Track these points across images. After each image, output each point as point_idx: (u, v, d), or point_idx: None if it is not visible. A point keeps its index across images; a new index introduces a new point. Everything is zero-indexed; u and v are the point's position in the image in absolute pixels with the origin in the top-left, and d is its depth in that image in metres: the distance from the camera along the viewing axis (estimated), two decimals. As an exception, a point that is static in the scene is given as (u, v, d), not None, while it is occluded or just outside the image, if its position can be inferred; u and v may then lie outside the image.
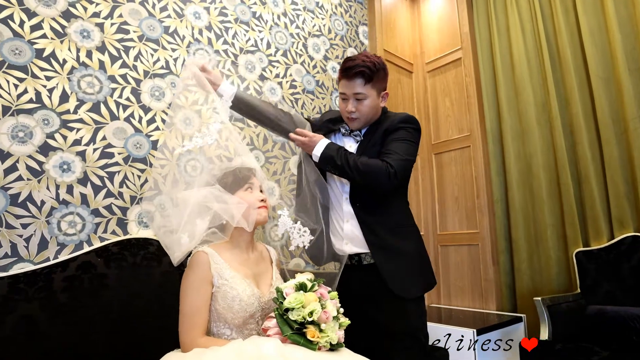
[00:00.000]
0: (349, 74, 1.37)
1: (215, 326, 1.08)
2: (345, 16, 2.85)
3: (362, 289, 1.41)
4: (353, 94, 1.39)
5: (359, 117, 1.42)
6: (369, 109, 1.41)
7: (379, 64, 1.41)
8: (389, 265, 1.34)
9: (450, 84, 3.09)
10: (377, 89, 1.42)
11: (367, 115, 1.43)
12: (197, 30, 2.03)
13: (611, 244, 2.24)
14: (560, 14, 2.58)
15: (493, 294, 2.69)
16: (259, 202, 1.17)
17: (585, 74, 2.48)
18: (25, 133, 1.47)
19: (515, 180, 2.69)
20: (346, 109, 1.42)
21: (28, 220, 1.44)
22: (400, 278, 1.34)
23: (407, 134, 1.40)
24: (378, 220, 1.40)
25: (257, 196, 1.19)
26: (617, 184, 2.27)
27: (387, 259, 1.35)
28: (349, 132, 1.49)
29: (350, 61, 1.39)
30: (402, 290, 1.33)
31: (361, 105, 1.40)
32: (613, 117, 2.33)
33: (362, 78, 1.37)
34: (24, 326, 1.30)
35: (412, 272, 1.37)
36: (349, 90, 1.40)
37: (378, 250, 1.37)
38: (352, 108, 1.40)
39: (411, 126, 1.43)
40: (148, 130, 1.78)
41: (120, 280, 1.52)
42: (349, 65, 1.38)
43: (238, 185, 1.17)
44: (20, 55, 1.50)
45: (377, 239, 1.38)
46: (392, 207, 1.43)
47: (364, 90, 1.38)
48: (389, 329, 1.34)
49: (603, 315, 2.00)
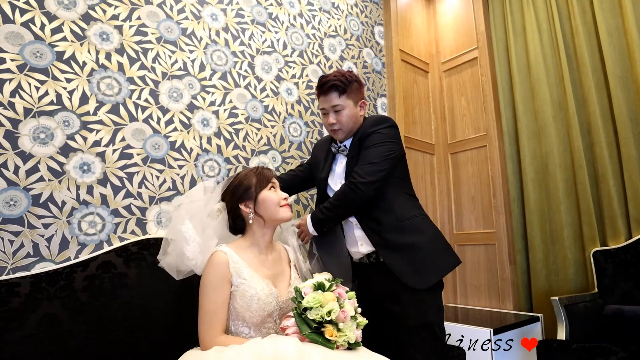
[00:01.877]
0: (324, 89, 1.51)
1: (234, 325, 1.09)
2: (361, 16, 2.85)
3: (381, 285, 1.47)
4: (331, 106, 1.52)
5: (341, 128, 1.54)
6: (347, 119, 1.52)
7: (351, 77, 1.54)
8: (397, 262, 1.40)
9: (466, 83, 3.07)
10: (353, 100, 1.54)
11: (347, 125, 1.53)
12: (214, 31, 2.04)
13: (629, 244, 2.21)
14: (578, 14, 2.55)
15: (510, 294, 2.66)
16: (282, 201, 1.20)
17: (602, 73, 2.45)
18: (47, 134, 1.50)
19: (532, 180, 2.66)
20: (328, 122, 1.55)
21: (49, 221, 1.47)
22: (411, 271, 1.38)
23: (378, 137, 1.47)
24: (378, 220, 1.47)
25: (280, 194, 1.21)
26: (635, 184, 2.24)
27: (394, 256, 1.41)
28: (338, 150, 1.61)
29: (324, 78, 1.54)
30: (415, 282, 1.37)
31: (340, 116, 1.52)
32: (631, 117, 2.30)
33: (336, 91, 1.50)
34: (46, 324, 1.32)
35: (422, 263, 1.41)
36: (327, 104, 1.53)
37: (384, 249, 1.44)
38: (333, 120, 1.52)
39: (382, 127, 1.50)
40: (166, 131, 1.80)
41: (139, 279, 1.54)
42: (323, 81, 1.53)
43: (261, 185, 1.19)
44: (42, 58, 1.53)
45: (380, 239, 1.45)
46: (391, 204, 1.49)
47: (340, 101, 1.51)
48: (405, 322, 1.38)
49: (621, 316, 1.97)
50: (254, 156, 2.06)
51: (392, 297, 1.42)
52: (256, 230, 1.20)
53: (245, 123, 2.07)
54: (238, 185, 1.18)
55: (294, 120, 2.28)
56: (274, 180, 1.23)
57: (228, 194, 1.21)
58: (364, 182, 1.40)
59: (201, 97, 1.93)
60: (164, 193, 1.75)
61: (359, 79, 1.59)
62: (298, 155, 2.26)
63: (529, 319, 2.35)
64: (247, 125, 2.08)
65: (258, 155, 2.07)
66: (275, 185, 1.23)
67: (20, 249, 1.39)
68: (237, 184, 1.19)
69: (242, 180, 1.19)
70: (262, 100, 2.16)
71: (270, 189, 1.19)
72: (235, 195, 1.18)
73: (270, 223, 1.20)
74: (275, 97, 2.23)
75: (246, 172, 1.23)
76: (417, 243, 1.43)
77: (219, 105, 1.99)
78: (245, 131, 2.06)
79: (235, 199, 1.18)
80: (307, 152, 2.31)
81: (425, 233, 1.47)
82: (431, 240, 1.47)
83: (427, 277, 1.39)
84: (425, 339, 1.35)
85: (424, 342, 1.34)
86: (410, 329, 1.36)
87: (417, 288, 1.36)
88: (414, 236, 1.44)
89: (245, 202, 1.18)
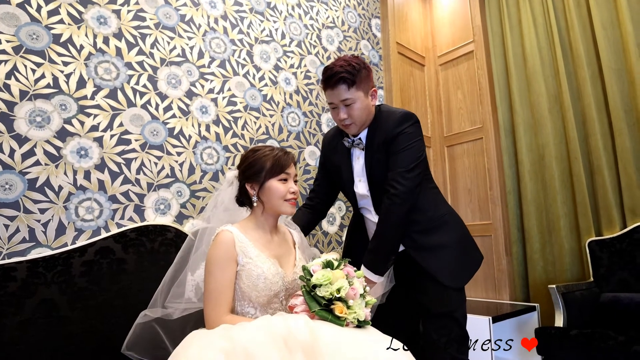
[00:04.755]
0: (331, 83, 1.34)
1: (240, 305, 1.08)
2: (358, 9, 2.85)
3: (405, 272, 1.44)
4: (340, 101, 1.35)
5: (354, 122, 1.39)
6: (360, 112, 1.37)
7: (358, 65, 1.36)
8: (432, 262, 1.36)
9: (462, 76, 3.09)
10: (363, 90, 1.37)
11: (360, 118, 1.39)
12: (212, 19, 2.02)
13: (624, 233, 2.24)
14: (573, 7, 2.58)
15: (506, 284, 2.68)
16: (289, 195, 1.15)
17: (597, 66, 2.48)
18: (43, 118, 1.47)
19: (528, 172, 2.68)
20: (338, 117, 1.38)
21: (46, 206, 1.44)
22: (446, 272, 1.35)
23: (407, 139, 1.36)
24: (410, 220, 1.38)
25: (290, 187, 1.16)
26: (630, 174, 2.27)
27: (427, 256, 1.37)
28: (352, 144, 1.47)
29: (329, 70, 1.35)
30: (451, 282, 1.35)
31: (352, 110, 1.36)
32: (625, 109, 2.33)
33: (344, 84, 1.33)
34: (44, 309, 1.30)
35: (456, 263, 1.38)
36: (335, 99, 1.36)
37: (415, 250, 1.38)
38: (344, 115, 1.36)
39: (408, 125, 1.38)
40: (165, 117, 1.77)
41: (138, 265, 1.51)
42: (328, 74, 1.35)
43: (273, 173, 1.14)
44: (38, 40, 1.50)
45: (412, 241, 1.39)
46: (421, 203, 1.40)
47: (350, 95, 1.34)
48: (430, 310, 1.37)
49: (617, 303, 2.00)
50: (252, 145, 2.05)
51: (417, 286, 1.41)
52: (258, 214, 1.18)
53: (244, 111, 2.05)
54: (252, 163, 1.15)
55: (292, 110, 2.27)
56: (290, 170, 1.17)
57: (242, 166, 1.18)
58: (406, 192, 1.31)
59: (200, 84, 1.91)
60: (162, 180, 1.73)
61: (367, 65, 1.41)
62: (297, 145, 2.25)
63: (526, 309, 2.37)
64: (246, 114, 2.06)
65: (257, 144, 2.05)
66: (289, 177, 1.17)
67: (16, 234, 1.36)
68: (252, 162, 1.15)
69: (257, 160, 1.15)
70: (261, 89, 2.15)
71: (281, 180, 1.15)
72: (245, 173, 1.16)
73: (270, 212, 1.17)
74: (274, 87, 2.21)
75: (267, 151, 1.16)
76: (449, 242, 1.40)
77: (218, 93, 1.97)
78: (244, 119, 2.04)
79: (245, 176, 1.16)
80: (305, 142, 2.30)
81: (455, 231, 1.44)
82: (461, 238, 1.44)
83: (462, 276, 1.39)
84: (446, 325, 1.34)
85: (444, 328, 1.34)
86: (434, 316, 1.36)
87: (453, 287, 1.35)
88: (445, 235, 1.40)
89: (251, 184, 1.16)
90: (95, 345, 1.34)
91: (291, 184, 1.18)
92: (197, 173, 1.83)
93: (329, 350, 0.83)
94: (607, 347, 1.71)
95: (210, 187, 1.86)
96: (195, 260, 1.18)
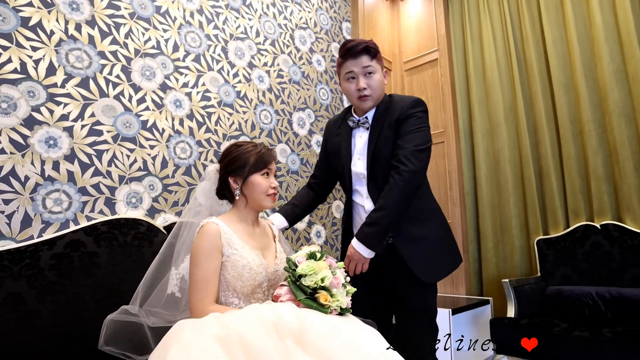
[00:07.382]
0: (354, 52, 1.38)
1: (224, 295, 1.10)
2: (330, 11, 2.91)
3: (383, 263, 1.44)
4: (362, 67, 1.38)
5: (372, 94, 1.41)
6: (378, 83, 1.41)
7: (376, 45, 1.44)
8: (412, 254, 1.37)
9: (427, 82, 3.23)
10: (381, 65, 1.45)
11: (377, 90, 1.42)
12: (188, 12, 2.01)
13: (567, 232, 2.47)
14: (528, 23, 2.79)
15: (462, 280, 2.85)
16: (271, 190, 1.19)
17: (548, 79, 2.71)
18: (9, 104, 1.41)
19: (484, 175, 2.87)
20: (357, 87, 1.40)
21: (10, 196, 1.38)
22: (424, 266, 1.37)
23: (418, 122, 1.40)
24: None
25: (271, 183, 1.20)
26: (573, 179, 2.50)
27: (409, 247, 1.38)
28: (357, 123, 1.47)
29: (352, 42, 1.41)
30: (426, 277, 1.37)
31: (372, 80, 1.39)
32: (571, 119, 2.56)
33: (368, 54, 1.38)
34: (11, 304, 1.25)
35: (435, 259, 1.41)
36: (357, 67, 1.39)
37: (398, 237, 1.39)
38: (364, 84, 1.38)
39: (420, 110, 1.43)
40: (138, 109, 1.74)
41: (111, 259, 1.48)
42: (352, 44, 1.40)
43: (257, 168, 1.17)
44: (4, 23, 1.44)
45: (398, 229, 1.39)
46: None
47: (372, 64, 1.39)
48: (405, 304, 1.41)
49: (561, 295, 2.20)
50: (225, 140, 2.05)
51: (394, 278, 1.44)
52: (241, 208, 1.21)
53: (217, 107, 2.05)
54: (235, 158, 1.17)
55: (264, 108, 2.29)
56: (271, 166, 1.21)
57: (224, 161, 1.20)
58: (417, 170, 1.32)
59: (174, 77, 1.89)
60: (135, 173, 1.70)
61: None
62: (268, 142, 2.28)
63: (481, 302, 2.54)
64: (220, 110, 2.06)
65: (229, 140, 2.06)
66: (270, 172, 1.21)
67: (-22, 225, 1.30)
68: (236, 156, 1.18)
69: (240, 155, 1.18)
70: (235, 86, 2.16)
71: (264, 175, 1.19)
72: (228, 167, 1.18)
73: (253, 206, 1.21)
74: (247, 84, 2.23)
75: (250, 147, 1.19)
76: (433, 237, 1.41)
77: (192, 88, 1.96)
78: (217, 115, 2.04)
79: (227, 170, 1.18)
80: (277, 139, 2.33)
81: (441, 228, 1.47)
82: (445, 236, 1.48)
83: (437, 273, 1.41)
84: (421, 320, 1.39)
85: (420, 323, 1.39)
86: (409, 311, 1.41)
87: (426, 281, 1.37)
88: (431, 229, 1.43)
89: (235, 178, 1.18)
90: (66, 339, 1.30)
91: (272, 179, 1.22)
92: (169, 167, 1.81)
93: (317, 336, 0.88)
94: (553, 333, 1.89)
95: (182, 181, 1.85)
96: (179, 253, 1.19)
